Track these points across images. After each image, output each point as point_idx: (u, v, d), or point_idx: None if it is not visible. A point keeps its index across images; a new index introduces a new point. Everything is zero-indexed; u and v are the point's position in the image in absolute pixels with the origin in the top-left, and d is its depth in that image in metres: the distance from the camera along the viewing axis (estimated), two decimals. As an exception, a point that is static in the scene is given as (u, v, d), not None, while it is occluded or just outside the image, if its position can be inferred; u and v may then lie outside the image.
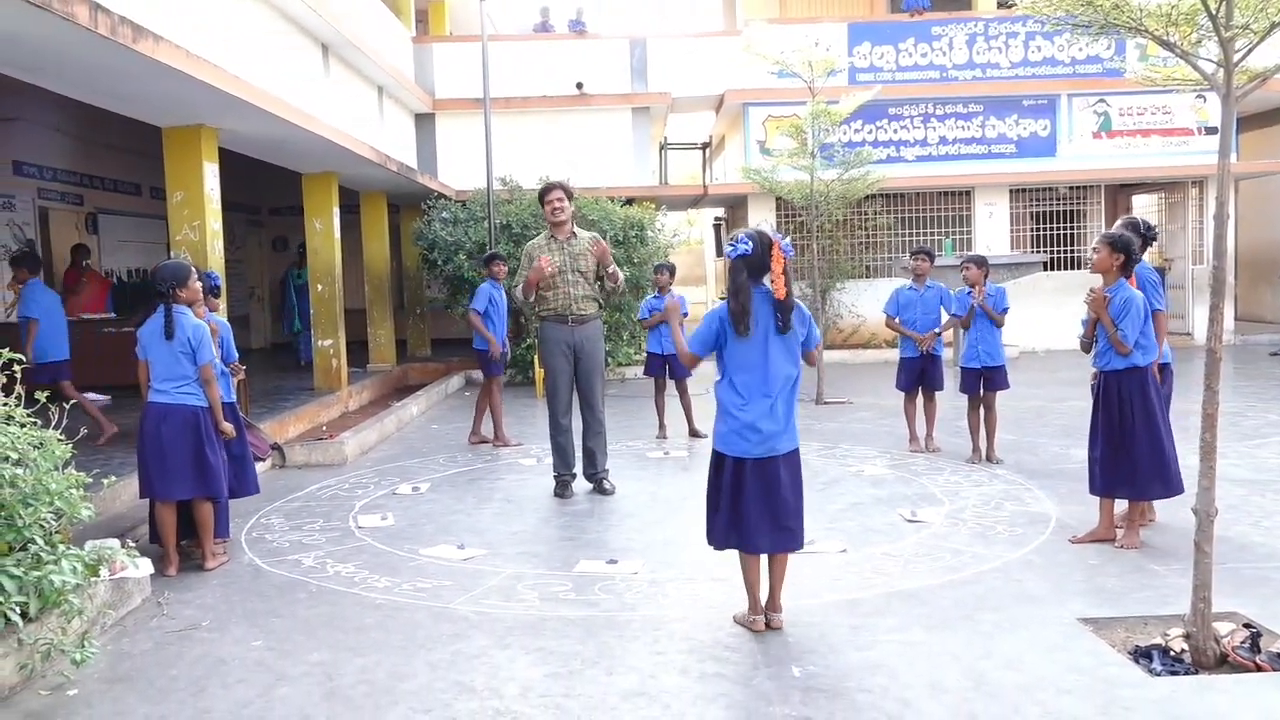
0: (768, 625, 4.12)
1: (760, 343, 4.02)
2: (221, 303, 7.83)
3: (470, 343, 9.22)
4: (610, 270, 6.65)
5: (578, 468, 6.87)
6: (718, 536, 4.15)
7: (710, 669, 3.75)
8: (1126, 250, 5.14)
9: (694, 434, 8.92)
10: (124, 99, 7.48)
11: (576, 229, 6.78)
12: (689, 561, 5.09)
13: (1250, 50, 3.74)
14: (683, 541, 5.50)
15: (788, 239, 4.06)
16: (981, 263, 7.46)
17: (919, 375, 7.89)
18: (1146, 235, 5.53)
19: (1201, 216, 16.42)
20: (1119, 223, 5.67)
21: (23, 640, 3.66)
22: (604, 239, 6.74)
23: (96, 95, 7.36)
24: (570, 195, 6.71)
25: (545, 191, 6.71)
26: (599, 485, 6.81)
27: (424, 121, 16.04)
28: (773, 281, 3.99)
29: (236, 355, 5.97)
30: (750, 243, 3.99)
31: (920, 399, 8.00)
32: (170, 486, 5.13)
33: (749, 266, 4.00)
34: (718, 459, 4.13)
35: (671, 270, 9.24)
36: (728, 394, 4.07)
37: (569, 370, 6.72)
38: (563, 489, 6.77)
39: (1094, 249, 5.29)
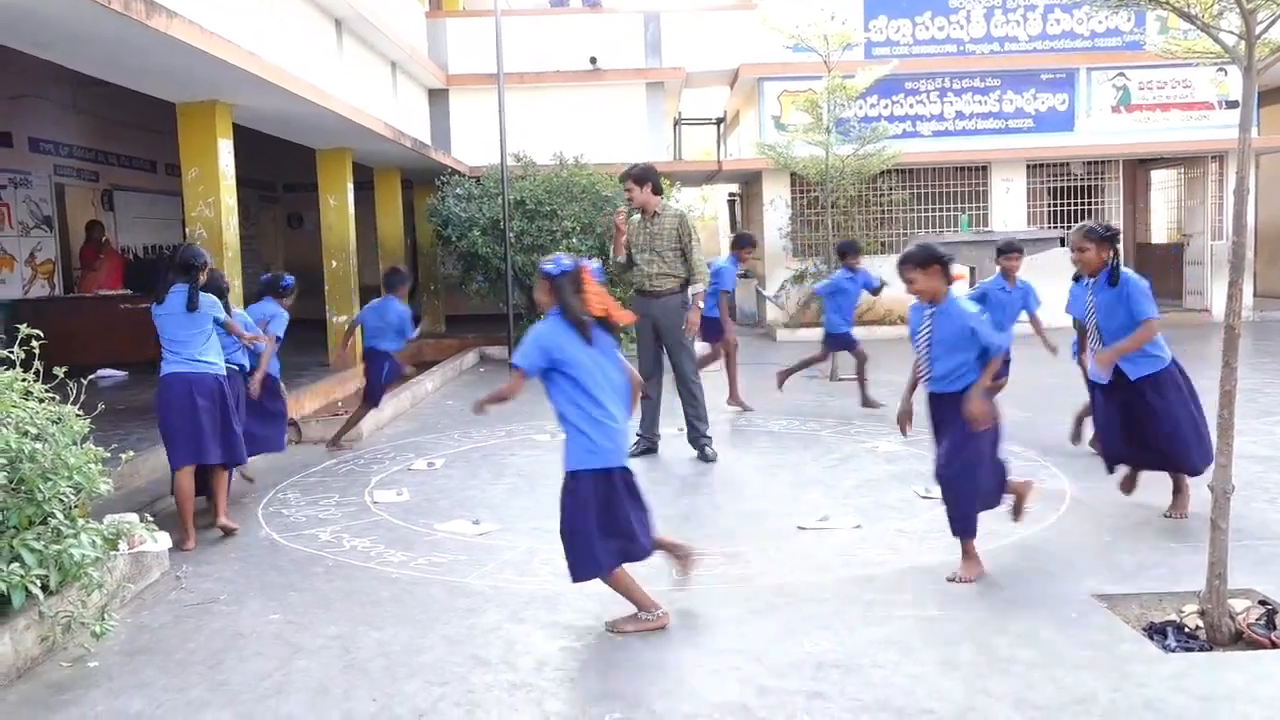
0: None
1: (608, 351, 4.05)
2: (236, 282, 7.86)
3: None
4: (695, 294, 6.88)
5: (659, 430, 7.23)
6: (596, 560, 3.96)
7: (723, 643, 3.77)
8: (1111, 239, 5.18)
9: (736, 402, 8.76)
10: (138, 75, 7.48)
11: (666, 206, 6.97)
12: (702, 536, 5.10)
13: (1273, 22, 3.69)
14: (697, 517, 5.51)
15: (595, 262, 4.05)
16: (1021, 251, 7.32)
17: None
18: (1109, 236, 5.26)
19: (1221, 192, 16.23)
20: (1075, 231, 5.48)
21: (43, 613, 3.71)
22: (687, 218, 6.92)
23: (110, 71, 7.38)
24: (643, 180, 6.85)
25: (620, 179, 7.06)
26: (701, 452, 7.02)
27: (437, 97, 15.98)
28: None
29: (257, 328, 6.29)
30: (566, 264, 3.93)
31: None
32: (200, 451, 5.26)
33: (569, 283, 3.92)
34: (574, 479, 4.08)
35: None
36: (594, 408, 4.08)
37: (651, 341, 7.04)
38: (637, 448, 6.89)
39: (1078, 249, 5.24)
